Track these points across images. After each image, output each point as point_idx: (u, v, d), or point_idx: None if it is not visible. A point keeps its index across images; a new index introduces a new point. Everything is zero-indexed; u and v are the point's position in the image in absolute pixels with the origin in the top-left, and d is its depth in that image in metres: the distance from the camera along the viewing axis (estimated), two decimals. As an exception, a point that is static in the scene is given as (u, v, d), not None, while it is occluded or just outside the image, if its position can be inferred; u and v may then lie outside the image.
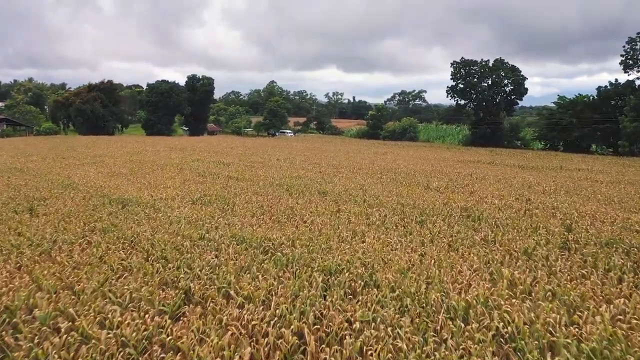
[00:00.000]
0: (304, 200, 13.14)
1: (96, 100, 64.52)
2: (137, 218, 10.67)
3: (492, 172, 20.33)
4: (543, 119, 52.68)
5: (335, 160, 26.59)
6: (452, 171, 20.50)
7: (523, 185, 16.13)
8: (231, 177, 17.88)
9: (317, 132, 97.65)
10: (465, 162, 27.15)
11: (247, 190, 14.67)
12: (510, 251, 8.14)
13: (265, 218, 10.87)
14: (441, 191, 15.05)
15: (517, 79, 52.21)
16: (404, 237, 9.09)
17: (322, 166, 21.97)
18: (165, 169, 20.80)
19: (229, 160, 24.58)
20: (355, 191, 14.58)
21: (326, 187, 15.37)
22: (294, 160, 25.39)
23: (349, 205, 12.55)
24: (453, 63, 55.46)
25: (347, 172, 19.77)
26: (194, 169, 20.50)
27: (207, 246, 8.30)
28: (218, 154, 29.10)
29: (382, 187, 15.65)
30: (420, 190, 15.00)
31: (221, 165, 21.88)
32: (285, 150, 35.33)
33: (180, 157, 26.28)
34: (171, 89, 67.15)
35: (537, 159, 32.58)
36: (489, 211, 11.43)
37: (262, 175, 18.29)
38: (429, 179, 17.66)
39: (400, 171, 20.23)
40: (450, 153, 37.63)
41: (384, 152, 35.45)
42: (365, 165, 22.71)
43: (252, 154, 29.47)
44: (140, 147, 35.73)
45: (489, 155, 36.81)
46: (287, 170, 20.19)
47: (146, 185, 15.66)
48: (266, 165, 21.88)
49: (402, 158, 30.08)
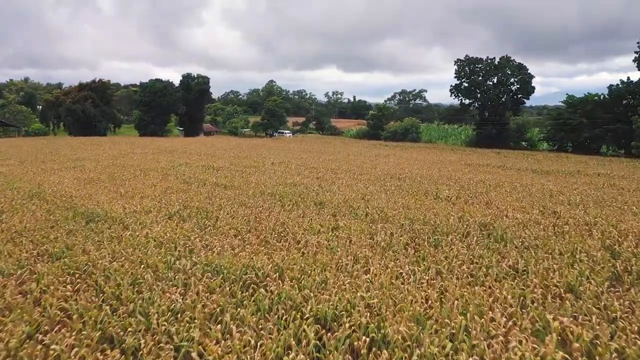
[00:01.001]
0: (297, 213, 11.63)
1: (87, 99, 62.98)
2: (99, 238, 9.15)
3: (506, 178, 18.82)
4: (550, 119, 51.18)
5: (334, 163, 25.09)
6: (461, 177, 18.99)
7: (544, 194, 14.63)
8: (219, 184, 16.37)
9: (317, 132, 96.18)
10: (474, 166, 25.65)
11: (234, 200, 13.15)
12: (550, 286, 6.64)
13: (251, 237, 9.37)
14: (453, 202, 13.54)
15: (523, 77, 50.69)
16: (416, 265, 7.58)
17: (319, 171, 20.47)
18: (148, 174, 19.29)
19: (219, 164, 23.07)
20: (356, 202, 13.07)
21: (323, 196, 13.86)
22: (289, 164, 23.88)
23: (349, 220, 11.04)
24: (457, 61, 53.95)
25: (347, 178, 18.26)
26: (180, 174, 18.99)
27: (173, 280, 6.79)
28: (209, 157, 27.58)
29: (386, 196, 14.15)
30: (429, 201, 13.49)
31: (210, 171, 20.37)
32: (281, 152, 33.83)
33: (168, 161, 24.77)
34: (165, 88, 65.59)
35: (549, 162, 31.08)
36: (512, 228, 9.92)
37: (254, 182, 16.78)
38: (438, 187, 16.15)
39: (405, 177, 18.72)
40: (456, 155, 36.12)
41: (386, 155, 33.94)
42: (367, 170, 21.20)
43: (246, 156, 27.97)
44: (128, 149, 34.21)
45: (497, 157, 35.32)
46: (282, 176, 18.68)
47: (122, 195, 14.15)
48: (259, 170, 20.37)
49: (406, 161, 28.58)
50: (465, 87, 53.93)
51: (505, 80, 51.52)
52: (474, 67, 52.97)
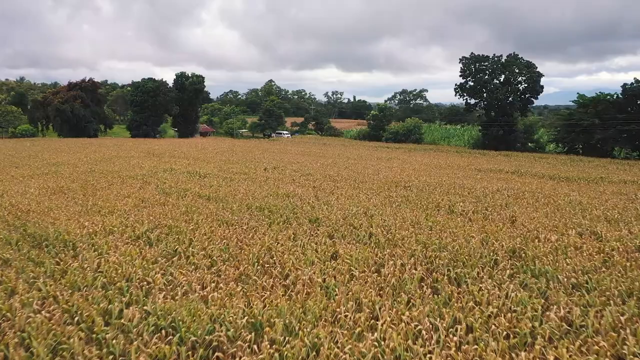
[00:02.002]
0: (288, 233, 9.89)
1: (76, 99, 61.15)
2: (37, 273, 7.42)
3: (524, 187, 17.08)
4: (561, 119, 49.42)
5: (333, 169, 23.35)
6: (474, 185, 17.25)
7: (573, 208, 12.89)
8: (201, 195, 14.63)
9: (316, 133, 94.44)
10: (485, 172, 23.90)
11: (216, 217, 11.42)
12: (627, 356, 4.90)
13: (229, 269, 7.63)
14: (470, 217, 11.80)
15: (532, 75, 48.90)
16: (438, 316, 5.84)
17: (316, 179, 18.73)
18: (126, 182, 17.55)
19: (207, 170, 21.32)
20: (357, 218, 11.34)
21: (320, 211, 12.13)
22: (284, 169, 22.14)
23: (350, 244, 9.31)
24: (462, 59, 52.10)
25: (347, 187, 16.52)
26: (161, 182, 17.25)
27: (110, 344, 5.05)
28: (198, 162, 25.84)
29: (392, 210, 12.41)
30: (443, 217, 11.75)
31: (195, 178, 18.63)
32: (276, 155, 32.08)
33: (152, 166, 23.03)
34: (158, 87, 63.74)
35: (565, 166, 29.34)
36: (549, 257, 8.18)
37: (242, 192, 15.05)
38: (451, 198, 14.42)
39: (412, 185, 16.99)
40: (464, 159, 34.39)
41: (389, 158, 32.20)
42: (369, 177, 19.47)
43: (237, 161, 26.23)
44: (113, 152, 32.45)
45: (507, 161, 33.59)
46: (274, 184, 16.95)
47: (87, 210, 12.41)
48: (249, 178, 18.63)
49: (411, 165, 26.84)
50: (471, 86, 52.14)
51: (513, 79, 49.73)
52: (480, 65, 51.19)
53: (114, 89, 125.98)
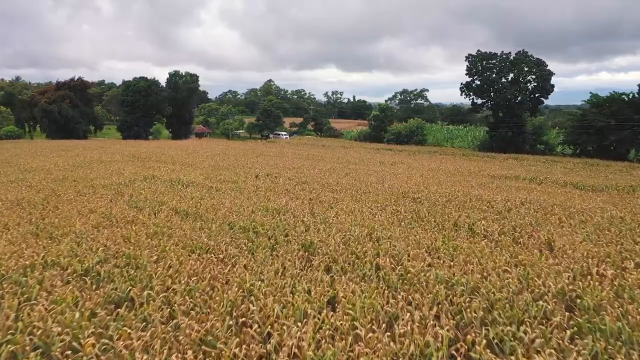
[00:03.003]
0: (275, 266, 8.02)
1: (64, 99, 59.24)
2: None
3: (551, 198, 15.19)
4: (572, 119, 47.58)
5: (332, 176, 21.48)
6: (493, 197, 15.36)
7: (617, 226, 11.00)
8: (178, 210, 12.75)
9: (315, 133, 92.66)
10: (500, 179, 22.03)
11: (187, 241, 9.53)
12: None
13: (191, 326, 5.75)
14: (496, 240, 9.93)
15: (542, 74, 47.04)
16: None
17: (313, 188, 16.86)
18: (97, 193, 15.67)
19: (192, 177, 19.44)
20: (361, 242, 9.46)
21: (316, 232, 10.26)
22: (278, 177, 20.27)
23: (352, 281, 7.44)
24: (468, 56, 50.26)
25: (348, 199, 14.65)
26: (136, 194, 15.36)
27: None
28: (184, 167, 23.96)
29: (402, 231, 10.53)
30: (463, 239, 9.87)
31: (176, 188, 16.76)
32: (271, 159, 30.20)
33: (133, 172, 21.15)
34: (149, 86, 61.86)
35: (584, 171, 27.48)
36: (615, 305, 6.30)
37: (226, 206, 13.17)
38: (469, 213, 12.54)
39: (422, 197, 15.11)
40: (473, 163, 32.51)
41: (393, 162, 30.32)
42: (373, 186, 17.60)
43: (228, 166, 24.35)
44: (97, 155, 30.56)
45: (520, 166, 31.73)
46: (264, 196, 15.07)
47: (40, 229, 10.53)
48: (238, 188, 16.76)
49: (417, 171, 24.97)
50: (477, 85, 50.29)
51: (522, 77, 47.85)
52: (487, 64, 49.34)
53: (110, 88, 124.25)
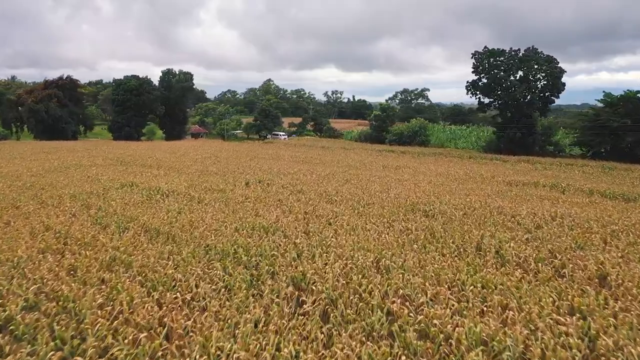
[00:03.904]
0: (254, 314, 6.18)
1: (52, 99, 57.35)
2: None
3: (583, 211, 13.30)
4: (585, 119, 45.72)
5: (331, 182, 19.64)
6: (516, 209, 13.50)
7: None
8: (149, 228, 10.91)
9: (314, 134, 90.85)
10: (519, 186, 20.17)
11: (150, 274, 7.69)
12: None
13: None
14: (535, 271, 8.09)
15: (553, 71, 45.18)
16: None
17: (310, 198, 15.01)
18: (62, 204, 13.83)
19: (175, 185, 17.60)
20: (366, 274, 7.64)
21: (309, 260, 8.43)
22: (271, 184, 18.43)
23: (356, 338, 5.61)
24: (475, 53, 48.39)
25: (349, 212, 12.81)
26: (106, 206, 13.53)
27: None
28: (169, 172, 22.11)
29: (415, 257, 8.69)
30: (493, 270, 8.02)
31: (155, 197, 14.92)
32: (266, 163, 28.35)
33: (111, 179, 19.32)
34: (141, 85, 59.97)
35: (606, 176, 25.64)
36: None
37: (207, 222, 11.34)
38: (492, 231, 10.69)
39: (434, 209, 13.26)
40: (484, 167, 30.64)
41: (397, 166, 28.47)
42: (377, 195, 15.75)
43: (218, 171, 22.50)
44: (77, 158, 28.70)
45: (535, 170, 29.89)
46: (253, 208, 13.23)
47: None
48: (224, 198, 14.91)
49: (424, 176, 23.12)
50: (484, 83, 48.40)
51: (532, 75, 45.96)
52: (494, 61, 47.45)
53: (106, 88, 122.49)
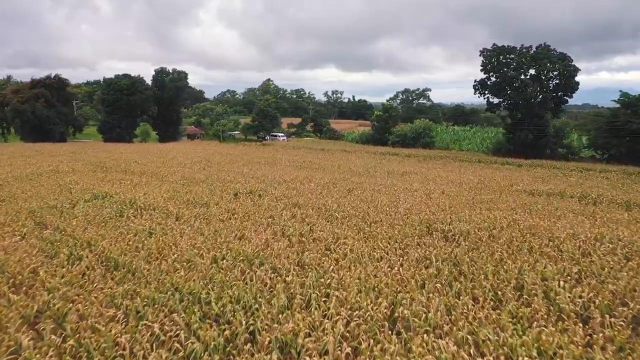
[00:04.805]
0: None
1: (39, 98, 55.42)
2: None
3: (633, 233, 11.34)
4: (600, 121, 43.83)
5: (332, 193, 17.69)
6: (550, 228, 11.52)
7: None
8: (108, 257, 8.97)
9: (314, 135, 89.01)
10: (542, 196, 18.20)
11: (85, 337, 5.74)
12: None
13: None
14: (610, 330, 6.13)
15: (567, 70, 43.27)
16: None
17: (307, 215, 13.03)
18: (16, 221, 11.88)
19: (153, 196, 15.63)
20: (378, 336, 5.70)
21: (302, 312, 6.48)
22: (263, 195, 16.47)
23: None
24: (483, 51, 46.46)
25: (353, 235, 10.84)
26: (65, 224, 11.57)
27: None
28: (151, 180, 20.16)
29: (440, 307, 6.73)
30: (552, 332, 6.05)
31: (127, 213, 12.95)
32: (261, 169, 26.40)
33: (84, 188, 17.39)
34: (133, 84, 58.04)
35: (636, 184, 23.67)
36: None
37: (179, 250, 9.39)
38: (530, 262, 8.73)
39: (454, 229, 11.29)
40: (498, 172, 28.68)
41: (404, 172, 26.51)
42: (385, 210, 13.78)
43: (206, 178, 20.54)
44: (55, 163, 26.75)
45: (554, 176, 27.93)
46: (239, 228, 11.26)
47: None
48: (207, 215, 12.94)
49: (435, 184, 21.16)
50: (493, 82, 46.46)
51: (545, 74, 44.01)
52: (504, 59, 45.52)
53: (101, 87, 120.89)
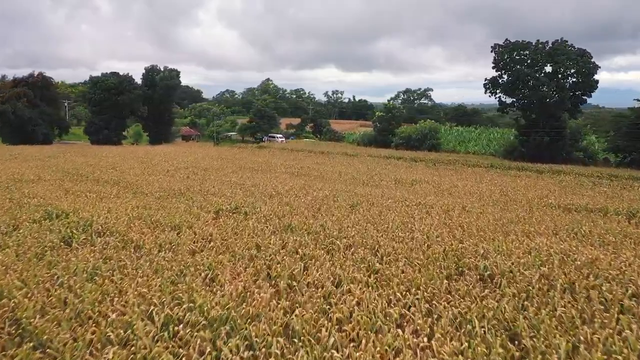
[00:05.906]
0: None
1: (21, 98, 53.04)
2: None
3: None
4: (623, 123, 41.46)
5: (332, 210, 15.28)
6: (613, 264, 9.12)
7: None
8: (11, 321, 6.52)
9: (313, 136, 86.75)
10: (581, 213, 15.79)
11: None
12: None
13: None
14: None
15: (586, 67, 40.85)
16: None
17: (302, 243, 10.59)
18: None
19: (117, 215, 13.20)
20: None
21: None
22: (250, 212, 14.04)
23: None
24: (495, 47, 44.06)
25: (361, 276, 8.42)
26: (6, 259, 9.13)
27: None
28: (124, 193, 17.76)
29: None
30: None
31: (78, 239, 10.50)
32: (253, 176, 23.99)
33: (40, 204, 14.98)
34: (121, 83, 55.66)
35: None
36: None
37: (119, 308, 6.97)
38: (607, 324, 6.29)
39: (490, 267, 8.87)
40: (518, 181, 26.26)
41: (413, 181, 24.10)
42: (397, 236, 11.36)
43: (185, 190, 18.12)
44: (24, 169, 24.34)
45: (582, 185, 25.55)
46: (214, 264, 8.80)
47: None
48: (175, 243, 10.50)
49: (452, 198, 18.77)
50: (505, 80, 44.02)
51: (562, 71, 41.59)
52: (518, 55, 43.08)
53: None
